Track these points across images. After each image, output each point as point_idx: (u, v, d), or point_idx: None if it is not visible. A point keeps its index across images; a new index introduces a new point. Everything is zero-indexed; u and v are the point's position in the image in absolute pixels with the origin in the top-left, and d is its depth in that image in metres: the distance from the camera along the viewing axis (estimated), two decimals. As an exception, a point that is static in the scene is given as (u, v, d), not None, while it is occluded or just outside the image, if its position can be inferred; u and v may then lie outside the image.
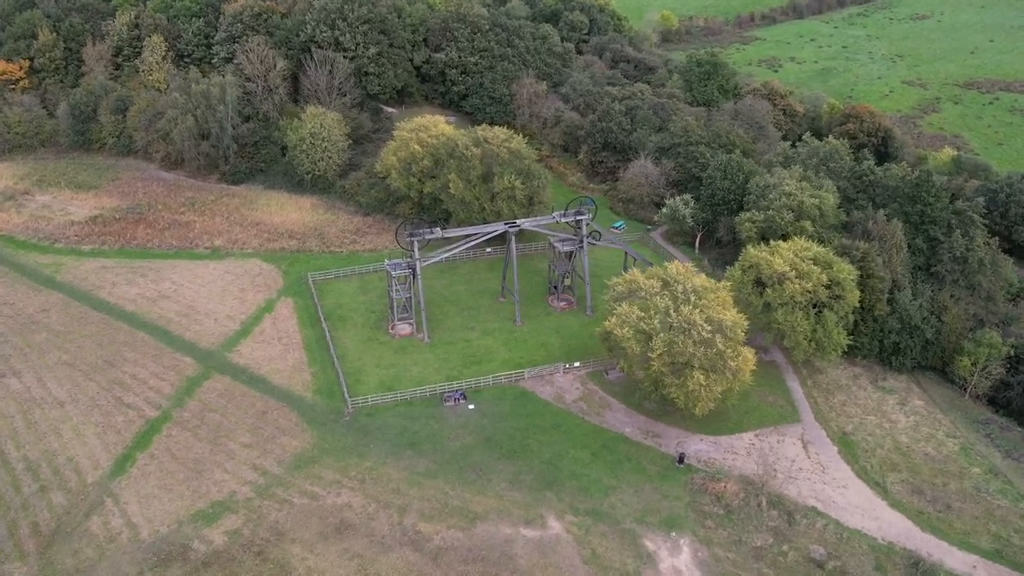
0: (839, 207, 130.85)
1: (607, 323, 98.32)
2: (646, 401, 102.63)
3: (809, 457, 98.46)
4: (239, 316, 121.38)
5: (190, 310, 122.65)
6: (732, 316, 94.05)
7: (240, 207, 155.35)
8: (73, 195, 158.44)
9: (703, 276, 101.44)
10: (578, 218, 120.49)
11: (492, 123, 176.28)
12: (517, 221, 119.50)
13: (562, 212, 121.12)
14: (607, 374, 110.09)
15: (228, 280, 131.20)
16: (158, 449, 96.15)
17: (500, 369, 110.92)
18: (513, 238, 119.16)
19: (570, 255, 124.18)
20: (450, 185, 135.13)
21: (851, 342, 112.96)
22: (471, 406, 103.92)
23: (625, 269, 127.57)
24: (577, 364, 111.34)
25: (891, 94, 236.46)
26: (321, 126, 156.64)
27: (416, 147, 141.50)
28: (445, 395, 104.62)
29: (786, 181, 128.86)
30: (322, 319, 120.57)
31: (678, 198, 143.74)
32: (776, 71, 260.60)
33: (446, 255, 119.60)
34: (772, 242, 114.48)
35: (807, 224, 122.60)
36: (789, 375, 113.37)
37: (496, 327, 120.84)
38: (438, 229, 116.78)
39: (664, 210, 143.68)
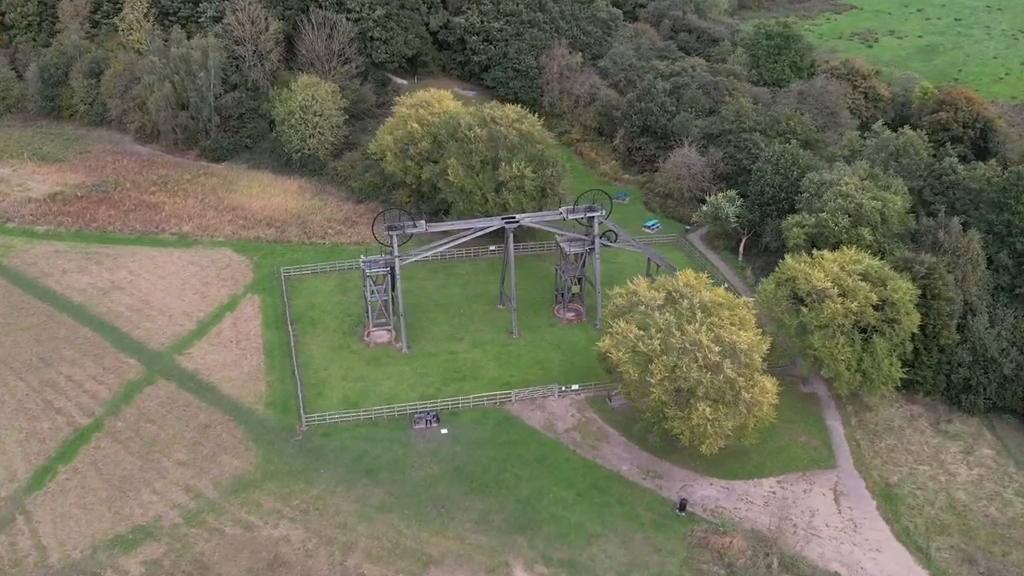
0: (910, 212, 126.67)
1: (602, 343, 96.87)
2: (649, 434, 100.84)
3: (840, 512, 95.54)
4: (197, 314, 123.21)
5: (144, 305, 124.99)
6: (748, 338, 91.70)
7: (217, 188, 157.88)
8: (35, 168, 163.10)
9: (720, 289, 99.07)
10: (590, 215, 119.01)
11: (516, 99, 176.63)
12: (516, 216, 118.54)
13: (570, 207, 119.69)
14: (610, 400, 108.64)
15: (191, 272, 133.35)
16: (83, 462, 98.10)
17: (485, 388, 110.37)
18: (511, 236, 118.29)
19: (580, 258, 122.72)
20: (449, 171, 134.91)
21: (909, 375, 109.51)
22: (444, 430, 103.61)
23: (648, 277, 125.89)
24: (575, 387, 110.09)
25: (1007, 77, 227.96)
26: (313, 98, 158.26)
27: (414, 126, 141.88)
28: (416, 416, 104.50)
29: (845, 179, 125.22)
30: (289, 321, 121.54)
31: (721, 195, 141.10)
32: (870, 46, 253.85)
33: (428, 253, 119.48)
34: (817, 251, 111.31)
35: (865, 232, 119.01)
36: (830, 411, 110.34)
37: (488, 339, 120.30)
38: (422, 222, 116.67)
39: (704, 208, 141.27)
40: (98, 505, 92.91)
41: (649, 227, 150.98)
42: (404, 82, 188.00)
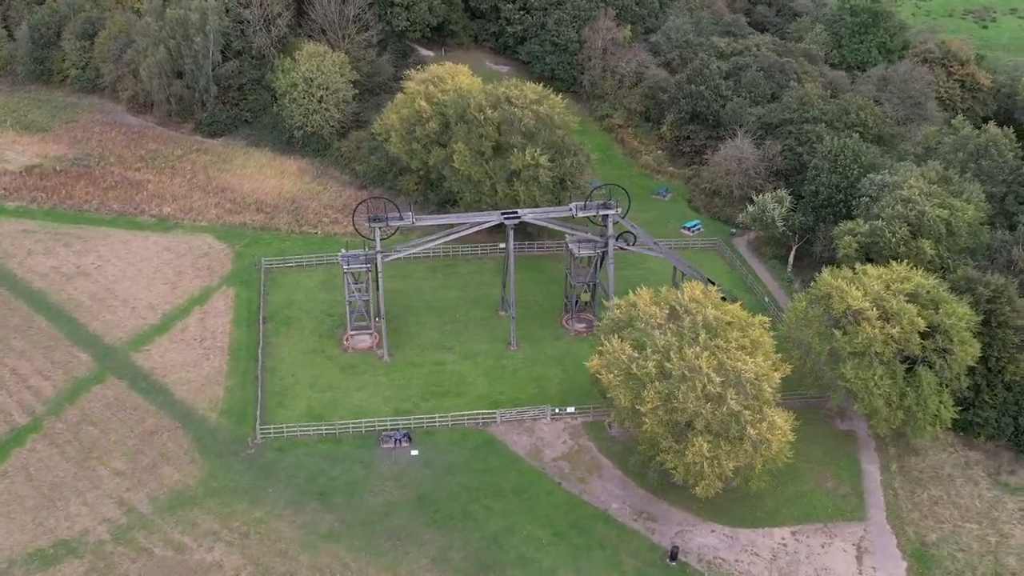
0: (987, 223, 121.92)
1: (591, 363, 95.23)
2: (647, 469, 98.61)
3: (861, 572, 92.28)
4: (163, 306, 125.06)
5: (108, 294, 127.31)
6: (757, 365, 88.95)
7: (209, 166, 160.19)
8: (17, 138, 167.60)
9: (735, 306, 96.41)
10: (603, 212, 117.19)
11: (553, 77, 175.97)
12: (518, 211, 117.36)
13: (582, 203, 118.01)
14: (609, 428, 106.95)
15: (166, 259, 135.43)
16: (13, 466, 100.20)
17: (470, 406, 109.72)
18: (512, 233, 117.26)
19: (592, 262, 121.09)
20: (455, 157, 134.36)
21: (967, 416, 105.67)
22: (414, 452, 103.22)
23: (674, 287, 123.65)
24: (571, 410, 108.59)
25: None
26: (318, 69, 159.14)
27: (422, 104, 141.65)
28: (384, 434, 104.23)
29: (908, 182, 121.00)
30: (261, 319, 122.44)
31: (769, 194, 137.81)
32: (985, 27, 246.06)
33: (416, 249, 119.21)
34: (861, 265, 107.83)
35: (926, 244, 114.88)
36: (867, 453, 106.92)
37: (482, 350, 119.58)
38: (409, 214, 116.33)
39: (751, 208, 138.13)
40: (22, 514, 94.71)
41: (689, 228, 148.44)
42: (430, 54, 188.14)
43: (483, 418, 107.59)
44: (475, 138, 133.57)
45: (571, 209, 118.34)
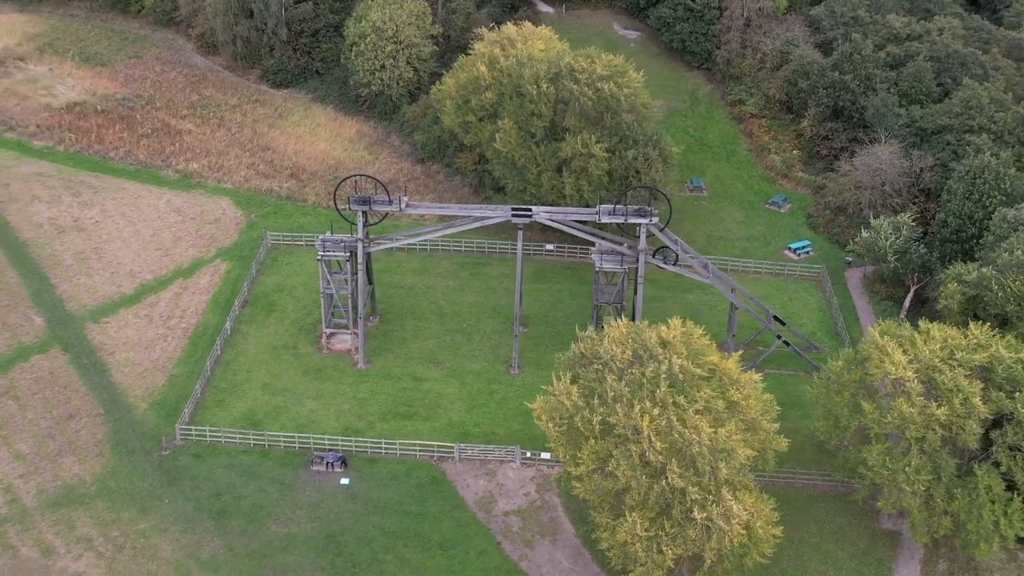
0: None
1: (535, 405, 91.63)
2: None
3: None
4: (144, 275, 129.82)
5: (93, 254, 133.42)
6: (719, 435, 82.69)
7: (260, 121, 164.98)
8: (74, 70, 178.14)
9: (717, 354, 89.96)
10: (636, 221, 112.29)
11: (683, 48, 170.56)
12: (533, 208, 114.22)
13: (611, 206, 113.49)
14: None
15: (170, 222, 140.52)
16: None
17: (435, 434, 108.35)
18: (521, 233, 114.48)
19: (619, 278, 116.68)
20: (498, 137, 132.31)
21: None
22: (345, 480, 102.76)
23: (730, 328, 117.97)
24: (547, 456, 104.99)
25: None
26: (390, 19, 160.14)
27: (482, 69, 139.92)
28: (316, 455, 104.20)
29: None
30: (240, 302, 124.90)
31: (887, 219, 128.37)
32: None
33: (408, 241, 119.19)
34: (941, 325, 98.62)
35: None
36: (909, 565, 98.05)
37: (476, 369, 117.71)
38: (404, 197, 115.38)
39: (864, 234, 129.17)
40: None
41: (795, 250, 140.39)
42: (548, 10, 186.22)
43: (439, 451, 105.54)
44: (526, 116, 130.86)
45: (597, 213, 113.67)
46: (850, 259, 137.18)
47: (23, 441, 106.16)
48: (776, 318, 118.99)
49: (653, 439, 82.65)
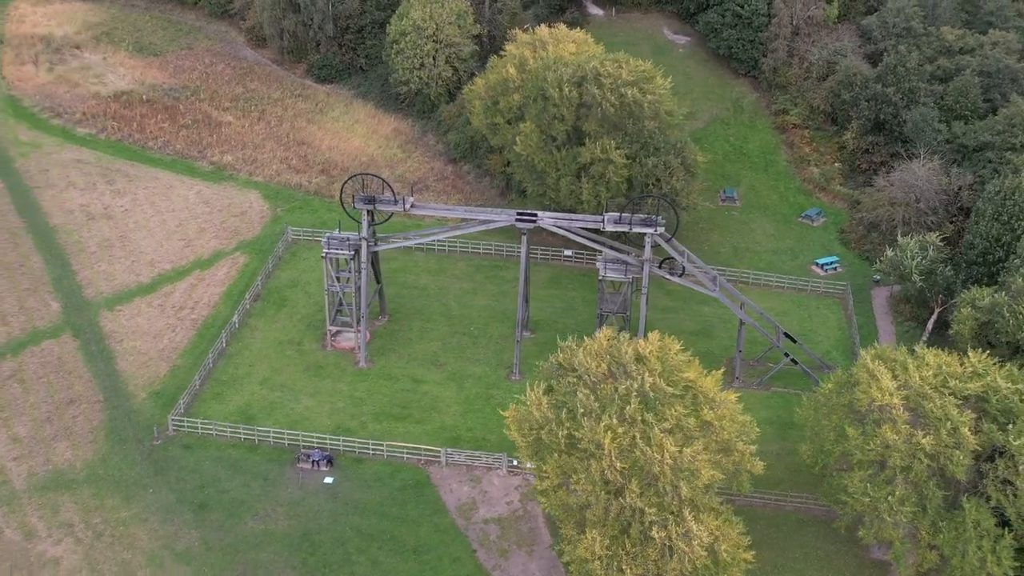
0: None
1: (507, 414, 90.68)
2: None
3: None
4: (163, 265, 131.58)
5: (118, 241, 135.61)
6: (690, 455, 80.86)
7: (301, 115, 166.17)
8: (126, 59, 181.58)
9: (694, 372, 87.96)
10: (641, 231, 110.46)
11: (729, 55, 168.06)
12: (537, 213, 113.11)
13: (617, 214, 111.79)
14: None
15: (197, 213, 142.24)
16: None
17: (428, 437, 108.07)
18: (526, 239, 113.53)
19: (624, 288, 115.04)
20: (518, 140, 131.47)
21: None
22: (328, 479, 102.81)
23: (738, 344, 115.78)
24: (532, 466, 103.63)
25: None
26: (430, 18, 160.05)
27: (511, 70, 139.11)
28: (301, 453, 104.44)
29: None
30: (251, 296, 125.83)
31: (914, 238, 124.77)
32: None
33: (417, 242, 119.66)
34: (937, 351, 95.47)
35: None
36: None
37: (477, 373, 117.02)
38: (410, 198, 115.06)
39: (889, 253, 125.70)
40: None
41: (823, 265, 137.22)
42: (599, 12, 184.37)
43: (426, 455, 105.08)
44: (548, 119, 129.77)
45: (602, 220, 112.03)
46: (878, 277, 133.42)
47: (22, 424, 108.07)
48: (787, 335, 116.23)
49: (614, 457, 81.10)
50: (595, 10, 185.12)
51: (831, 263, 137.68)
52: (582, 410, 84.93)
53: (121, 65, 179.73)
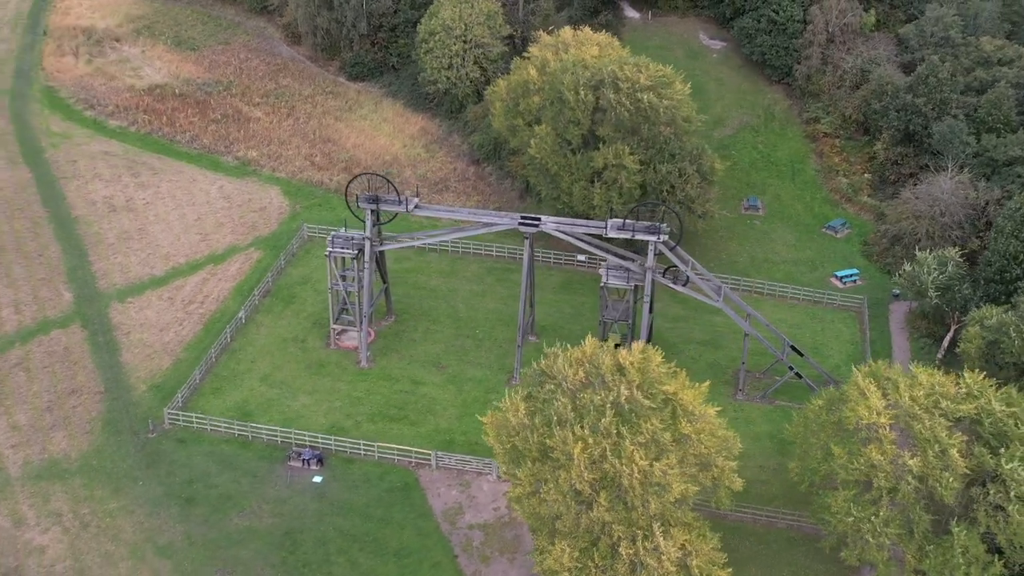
0: None
1: (486, 419, 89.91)
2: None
3: None
4: (178, 258, 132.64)
5: (137, 233, 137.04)
6: (661, 469, 79.51)
7: (330, 112, 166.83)
8: (164, 53, 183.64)
9: (676, 384, 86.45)
10: (644, 238, 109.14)
11: (763, 61, 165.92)
12: (541, 217, 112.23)
13: (621, 220, 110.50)
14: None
15: (218, 207, 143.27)
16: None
17: (421, 439, 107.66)
18: (529, 242, 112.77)
19: (626, 295, 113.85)
20: (532, 142, 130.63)
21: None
22: (317, 478, 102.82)
23: (744, 355, 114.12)
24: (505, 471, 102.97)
25: None
26: (459, 17, 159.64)
27: (531, 72, 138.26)
28: (292, 452, 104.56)
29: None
30: (259, 292, 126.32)
31: (932, 253, 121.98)
32: None
33: (423, 242, 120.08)
34: (931, 370, 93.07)
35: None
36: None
37: (478, 376, 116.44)
38: (416, 198, 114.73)
39: (907, 268, 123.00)
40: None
41: (842, 278, 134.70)
42: (635, 15, 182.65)
43: (416, 457, 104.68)
44: (564, 123, 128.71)
45: (605, 226, 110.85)
46: (898, 292, 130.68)
47: (23, 412, 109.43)
48: (793, 348, 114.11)
49: (583, 468, 79.99)
50: (631, 13, 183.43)
51: (851, 276, 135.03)
52: (556, 419, 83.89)
53: (158, 59, 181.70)
